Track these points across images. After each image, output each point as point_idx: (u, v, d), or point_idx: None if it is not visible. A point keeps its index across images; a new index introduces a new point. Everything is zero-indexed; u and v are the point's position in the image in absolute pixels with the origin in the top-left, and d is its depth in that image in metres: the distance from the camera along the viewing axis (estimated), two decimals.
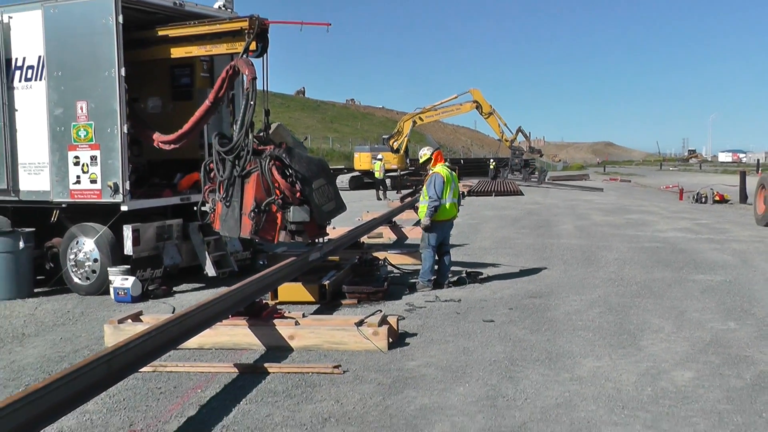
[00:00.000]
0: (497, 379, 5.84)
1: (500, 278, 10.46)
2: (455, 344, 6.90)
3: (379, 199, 30.13)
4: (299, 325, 6.93)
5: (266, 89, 8.74)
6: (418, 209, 10.62)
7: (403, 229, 15.46)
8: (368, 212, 19.41)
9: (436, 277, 9.79)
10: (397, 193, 33.67)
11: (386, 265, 10.47)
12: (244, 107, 8.42)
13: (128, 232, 9.30)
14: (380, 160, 32.42)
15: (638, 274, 10.84)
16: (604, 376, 5.89)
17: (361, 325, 6.77)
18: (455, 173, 10.39)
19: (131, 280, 9.05)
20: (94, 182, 9.32)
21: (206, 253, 10.10)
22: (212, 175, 8.61)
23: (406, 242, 14.50)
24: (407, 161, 41.20)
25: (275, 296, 8.63)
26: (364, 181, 39.10)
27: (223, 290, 6.83)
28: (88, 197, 9.41)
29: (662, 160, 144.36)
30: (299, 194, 8.36)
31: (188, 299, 9.07)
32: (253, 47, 8.78)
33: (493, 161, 52.28)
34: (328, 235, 9.73)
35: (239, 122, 8.42)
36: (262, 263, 10.66)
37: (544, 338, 7.09)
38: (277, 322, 6.97)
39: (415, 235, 14.01)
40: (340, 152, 65.93)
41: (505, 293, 9.35)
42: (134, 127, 9.74)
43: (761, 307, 8.50)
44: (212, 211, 8.66)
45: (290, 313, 7.42)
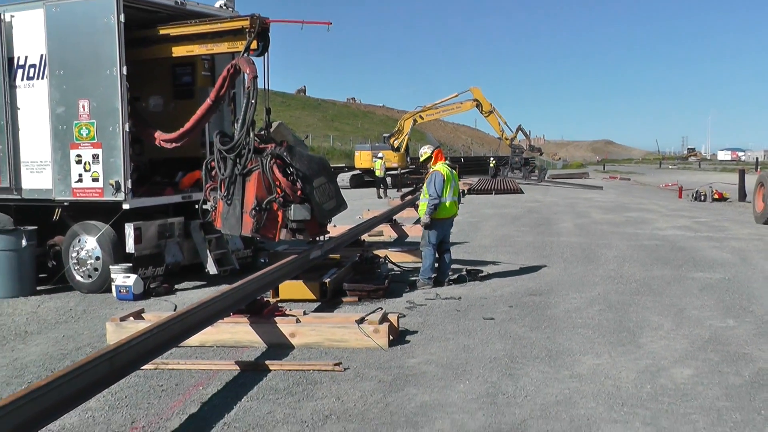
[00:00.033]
0: (497, 376, 5.84)
1: (500, 276, 10.47)
2: (455, 342, 6.91)
3: (379, 197, 30.12)
4: (300, 322, 6.94)
5: (267, 88, 8.76)
6: (418, 207, 10.64)
7: (403, 227, 15.45)
8: (369, 210, 19.38)
9: (436, 274, 9.80)
10: (397, 191, 33.65)
11: (387, 263, 10.47)
12: (245, 106, 8.42)
13: (130, 230, 9.32)
14: (381, 158, 32.37)
15: (638, 271, 10.86)
16: (603, 373, 5.90)
17: (361, 322, 6.78)
18: (455, 171, 10.38)
19: (133, 278, 9.07)
20: (96, 180, 9.32)
21: (208, 251, 10.11)
22: (213, 173, 8.61)
23: (406, 240, 14.50)
24: (408, 159, 41.18)
25: (276, 294, 8.64)
26: (364, 179, 39.06)
27: (224, 288, 6.83)
28: (90, 195, 9.41)
29: (661, 158, 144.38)
30: (300, 192, 8.37)
31: (190, 297, 9.07)
32: (254, 46, 8.76)
33: (493, 159, 52.24)
34: (328, 233, 9.71)
35: (240, 121, 8.42)
36: (263, 261, 10.67)
37: (544, 336, 7.10)
38: (278, 319, 6.97)
39: (415, 233, 14.01)
40: (340, 151, 65.82)
41: (505, 291, 9.36)
42: (136, 125, 9.72)
43: (760, 304, 8.52)
44: (213, 209, 8.67)
45: (291, 310, 7.40)
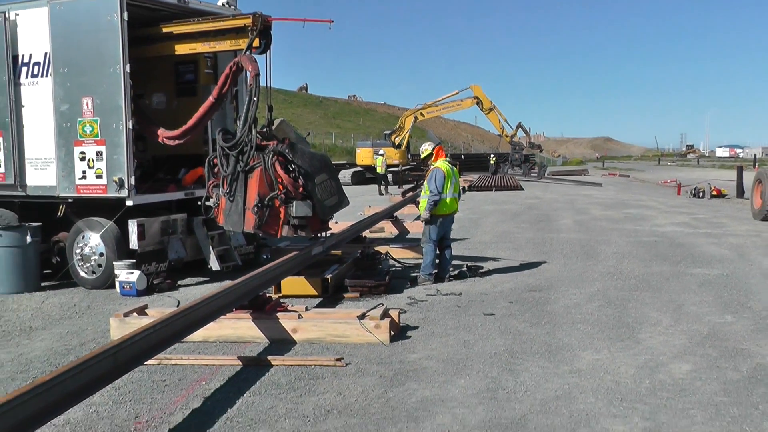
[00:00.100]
0: (497, 371, 5.86)
1: (500, 272, 10.49)
2: (456, 337, 6.93)
3: (380, 194, 30.12)
4: (302, 318, 6.97)
5: (269, 85, 8.76)
6: (419, 204, 10.67)
7: (404, 223, 15.44)
8: (370, 207, 19.41)
9: (437, 270, 9.81)
10: (398, 188, 33.68)
11: (388, 259, 10.52)
12: (247, 103, 8.44)
13: (133, 226, 9.36)
14: (382, 155, 32.38)
15: (637, 268, 10.87)
16: (602, 368, 5.92)
17: (363, 318, 6.80)
18: (456, 168, 10.40)
19: (136, 274, 9.09)
20: (99, 177, 9.37)
21: (210, 247, 10.11)
22: (216, 170, 8.65)
23: (407, 236, 14.49)
24: (409, 156, 41.17)
25: (278, 290, 8.67)
26: (366, 176, 39.03)
27: (227, 284, 6.84)
28: (93, 192, 9.45)
29: (660, 155, 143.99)
30: (302, 189, 8.40)
31: (193, 293, 9.10)
32: (256, 44, 8.77)
33: (493, 156, 52.15)
34: (330, 229, 9.76)
35: (243, 118, 8.45)
36: (265, 257, 10.69)
37: (543, 331, 7.12)
38: (280, 315, 7.00)
39: (416, 229, 14.01)
40: (342, 148, 65.70)
41: (505, 287, 9.38)
42: (139, 123, 9.75)
43: (758, 300, 8.54)
44: (216, 205, 8.71)
45: (293, 306, 7.44)
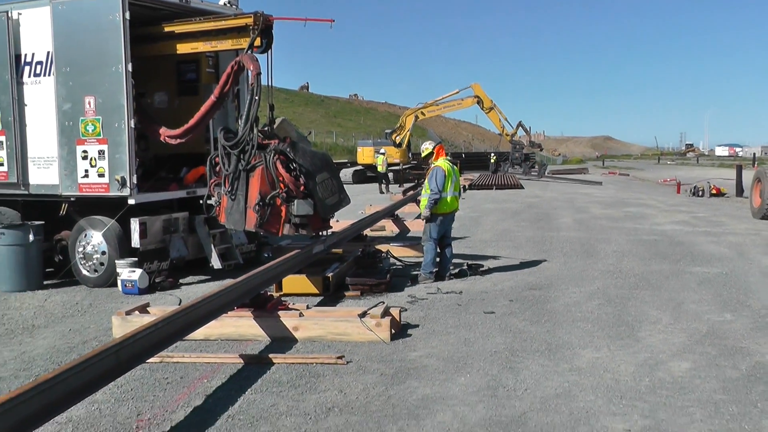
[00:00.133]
0: (498, 369, 5.88)
1: (501, 270, 10.51)
2: (456, 335, 6.94)
3: (381, 192, 30.14)
4: (303, 316, 6.98)
5: (271, 84, 8.76)
6: (420, 202, 10.69)
7: (405, 222, 15.43)
8: (371, 205, 19.34)
9: (437, 269, 9.83)
10: (399, 186, 33.69)
11: (389, 257, 10.52)
12: (248, 102, 8.44)
13: (135, 225, 9.38)
14: (383, 154, 32.40)
15: (636, 266, 10.89)
16: (602, 366, 5.93)
17: (364, 316, 6.82)
18: (456, 167, 10.42)
19: (138, 272, 9.12)
20: (101, 176, 9.39)
21: (212, 245, 10.15)
22: (218, 169, 8.66)
23: (408, 235, 14.50)
24: (409, 155, 41.16)
25: (280, 288, 8.70)
26: (367, 174, 39.00)
27: (228, 282, 6.85)
28: (96, 191, 9.48)
29: (660, 154, 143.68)
30: (303, 188, 8.40)
31: (194, 291, 9.12)
32: (257, 43, 8.79)
33: (493, 155, 52.06)
34: (331, 228, 9.74)
35: (244, 117, 8.46)
36: (266, 256, 10.71)
37: (543, 329, 7.13)
38: (281, 313, 7.02)
39: (417, 228, 14.01)
40: (343, 146, 65.67)
41: (505, 285, 9.40)
42: (141, 121, 9.78)
43: (757, 298, 8.55)
44: (218, 204, 8.72)
45: (294, 304, 7.45)
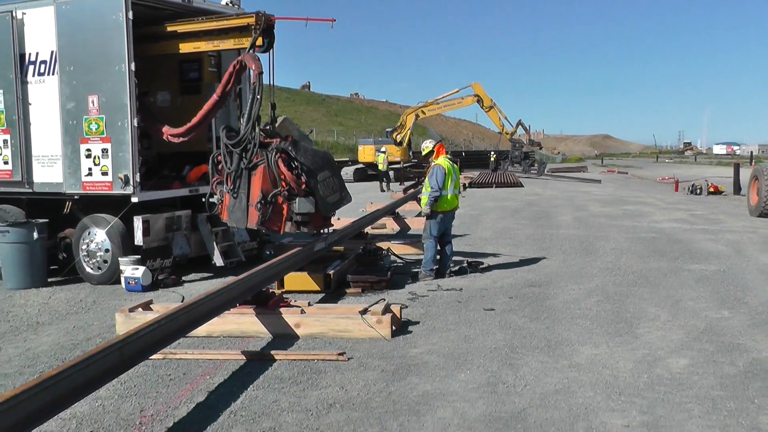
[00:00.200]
0: (497, 366, 5.91)
1: (501, 268, 10.54)
2: (457, 332, 6.97)
3: (382, 190, 30.18)
4: (305, 313, 7.02)
5: (272, 83, 8.80)
6: (420, 201, 10.74)
7: (406, 219, 15.49)
8: (372, 203, 19.39)
9: (438, 266, 9.87)
10: (400, 184, 33.74)
11: (389, 255, 10.53)
12: (250, 101, 8.47)
13: (138, 223, 9.43)
14: (384, 152, 32.46)
15: (635, 263, 10.91)
16: (601, 363, 5.96)
17: (365, 313, 6.85)
18: (456, 165, 10.45)
19: (141, 269, 9.17)
20: (105, 174, 9.44)
21: (214, 243, 10.19)
22: (220, 167, 8.67)
23: (408, 233, 14.54)
24: (410, 154, 41.24)
25: (281, 285, 8.72)
26: (368, 173, 39.07)
27: (230, 280, 6.88)
28: (99, 189, 9.53)
29: (658, 152, 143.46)
30: (305, 186, 8.43)
31: (197, 288, 9.16)
32: (259, 43, 8.83)
33: (493, 154, 51.97)
34: (332, 225, 9.76)
35: (246, 116, 8.48)
36: (268, 253, 10.72)
37: (543, 326, 7.16)
38: (283, 310, 7.04)
39: (417, 225, 14.06)
40: (344, 145, 65.59)
41: (505, 282, 9.44)
42: (144, 120, 9.83)
43: (754, 296, 8.57)
44: (220, 202, 8.72)
45: (296, 301, 7.48)
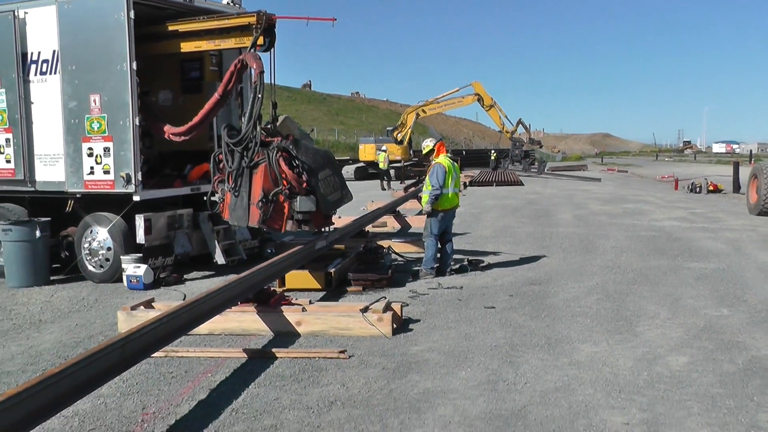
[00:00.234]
0: (498, 363, 5.93)
1: (501, 266, 10.56)
2: (457, 330, 6.99)
3: (383, 189, 30.20)
4: (306, 311, 7.03)
5: (273, 82, 8.82)
6: (421, 199, 10.75)
7: (406, 218, 15.53)
8: (373, 202, 19.42)
9: (438, 264, 9.89)
10: (400, 183, 33.78)
11: (390, 253, 10.57)
12: (252, 100, 8.52)
13: (140, 221, 9.45)
14: (384, 151, 32.49)
15: (635, 262, 10.92)
16: (601, 361, 5.98)
17: (366, 311, 6.87)
18: (457, 164, 10.47)
19: (143, 268, 9.19)
20: (107, 173, 9.46)
21: (216, 241, 10.22)
22: (221, 166, 8.70)
23: (409, 231, 14.57)
24: (411, 152, 41.25)
25: (283, 283, 8.75)
26: (368, 171, 39.09)
27: (232, 278, 6.88)
28: (101, 188, 9.55)
29: (658, 151, 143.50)
30: (306, 184, 8.46)
31: (198, 286, 9.18)
32: (260, 42, 8.86)
33: (494, 152, 51.96)
34: (333, 224, 9.79)
35: (247, 115, 8.51)
36: (269, 251, 10.73)
37: (543, 324, 7.18)
38: (284, 308, 7.06)
39: (418, 224, 14.10)
40: (345, 144, 65.68)
41: (505, 280, 9.46)
42: (146, 119, 9.85)
43: (753, 294, 8.59)
44: (221, 200, 8.76)
45: (297, 299, 7.48)
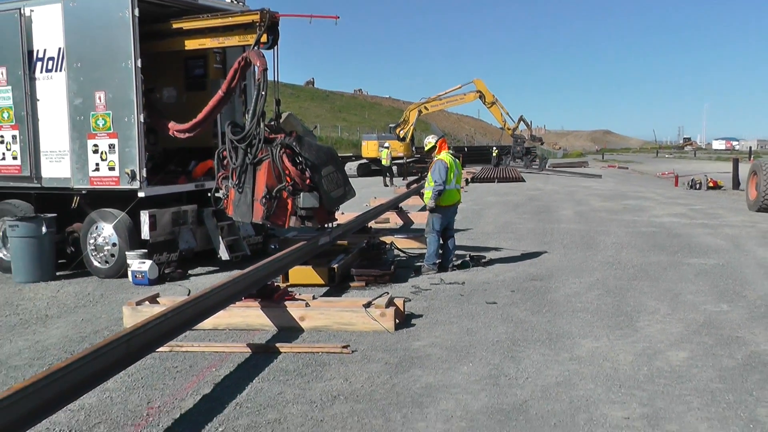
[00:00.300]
0: (500, 358, 5.97)
1: (502, 262, 10.61)
2: (459, 325, 7.04)
3: (386, 185, 30.25)
4: (309, 306, 7.08)
5: (277, 80, 8.87)
6: (423, 195, 10.80)
7: (409, 214, 15.58)
8: (375, 198, 19.45)
9: (440, 260, 9.92)
10: (403, 179, 33.84)
11: (393, 249, 10.62)
12: (255, 97, 8.55)
13: (145, 217, 9.50)
14: (387, 148, 32.51)
15: (635, 257, 10.96)
16: (602, 356, 6.02)
17: (368, 306, 6.92)
18: (459, 161, 10.50)
19: (148, 263, 9.23)
20: (112, 169, 9.50)
21: (220, 237, 10.25)
22: (225, 162, 8.74)
23: (412, 227, 14.62)
24: (413, 149, 41.21)
25: (286, 279, 8.81)
26: (371, 168, 39.11)
27: (236, 273, 6.89)
28: (106, 184, 9.60)
29: (658, 147, 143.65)
30: (309, 181, 8.49)
31: (203, 282, 9.22)
32: (264, 39, 8.89)
33: (495, 149, 52.05)
34: (336, 220, 9.82)
35: (251, 112, 8.55)
36: (273, 247, 10.77)
37: (544, 319, 7.22)
38: (288, 303, 7.11)
39: (420, 220, 14.13)
40: (348, 140, 65.58)
41: (507, 276, 9.50)
42: (150, 116, 9.89)
43: (752, 289, 8.62)
44: (225, 197, 8.81)
45: (301, 295, 7.55)
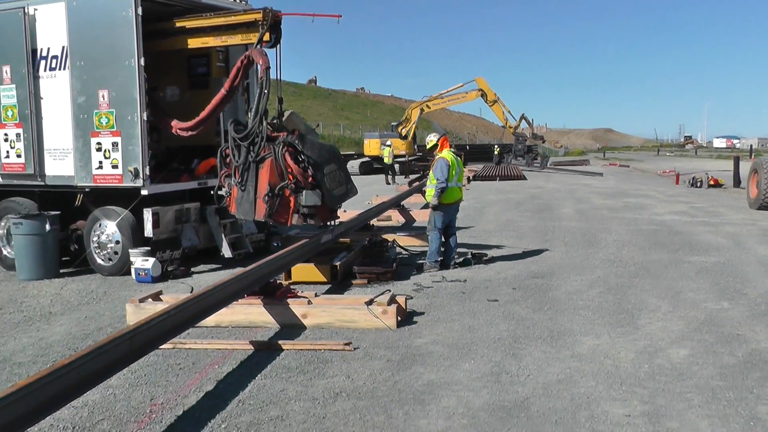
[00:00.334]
0: (501, 356, 5.99)
1: (504, 259, 10.62)
2: (461, 322, 7.06)
3: (388, 183, 30.25)
4: (312, 304, 7.12)
5: (279, 78, 8.88)
6: (425, 193, 10.83)
7: (411, 212, 15.56)
8: (378, 196, 19.43)
9: (442, 258, 9.95)
10: (405, 177, 33.89)
11: (395, 246, 10.63)
12: (258, 95, 8.55)
13: (148, 215, 9.53)
14: (389, 146, 32.52)
15: (636, 255, 10.97)
16: (603, 353, 6.04)
17: (371, 304, 6.95)
18: (460, 159, 10.52)
19: (151, 261, 9.28)
20: (115, 167, 9.54)
21: (223, 235, 10.29)
22: (228, 160, 8.77)
23: (413, 225, 14.61)
24: (415, 147, 41.28)
25: (289, 276, 8.83)
26: (373, 166, 39.14)
27: (239, 271, 6.94)
28: (110, 182, 9.64)
29: (659, 145, 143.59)
30: (311, 179, 8.51)
31: (206, 279, 9.26)
32: (266, 38, 8.90)
33: (497, 147, 52.01)
34: (339, 218, 9.86)
35: (254, 110, 8.56)
36: (276, 245, 10.82)
37: (546, 317, 7.25)
38: (290, 301, 7.15)
39: (422, 218, 14.12)
40: (350, 139, 65.53)
41: (508, 274, 9.52)
42: (153, 114, 9.93)
43: (753, 287, 8.64)
44: (228, 195, 8.83)
45: (303, 292, 7.57)
